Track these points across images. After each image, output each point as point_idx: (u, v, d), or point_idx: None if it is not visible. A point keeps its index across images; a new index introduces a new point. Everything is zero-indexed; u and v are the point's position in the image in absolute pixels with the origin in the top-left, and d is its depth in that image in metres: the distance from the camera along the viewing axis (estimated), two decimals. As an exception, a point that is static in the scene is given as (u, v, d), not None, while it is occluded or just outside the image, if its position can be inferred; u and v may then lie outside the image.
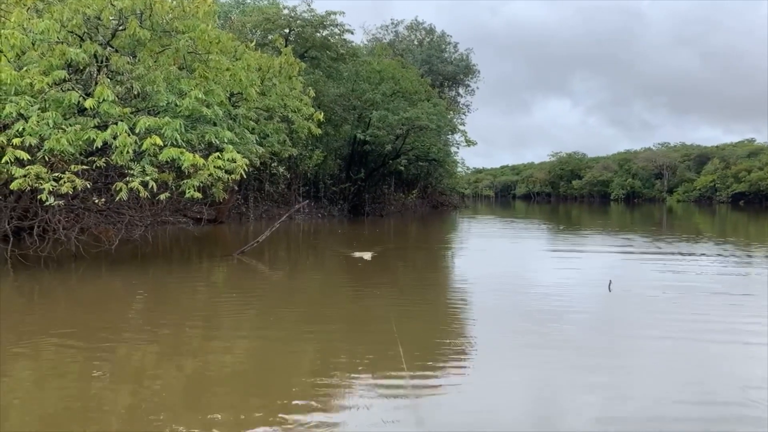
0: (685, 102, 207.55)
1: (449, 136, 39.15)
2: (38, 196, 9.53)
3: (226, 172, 10.48)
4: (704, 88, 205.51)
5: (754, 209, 60.74)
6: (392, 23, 52.74)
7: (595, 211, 57.45)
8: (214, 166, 10.16)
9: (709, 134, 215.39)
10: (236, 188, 21.72)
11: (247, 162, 11.01)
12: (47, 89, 9.70)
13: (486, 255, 16.45)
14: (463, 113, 49.52)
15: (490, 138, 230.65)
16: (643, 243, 18.86)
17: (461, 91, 52.40)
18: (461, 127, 38.68)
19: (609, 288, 9.11)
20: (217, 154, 10.34)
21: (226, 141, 10.73)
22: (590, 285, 10.07)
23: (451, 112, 40.14)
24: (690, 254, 15.25)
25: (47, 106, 9.73)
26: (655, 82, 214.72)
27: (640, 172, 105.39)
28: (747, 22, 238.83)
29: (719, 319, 7.47)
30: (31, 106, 9.52)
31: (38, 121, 9.36)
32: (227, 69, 11.54)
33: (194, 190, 10.18)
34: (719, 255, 14.99)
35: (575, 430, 4.16)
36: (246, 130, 12.90)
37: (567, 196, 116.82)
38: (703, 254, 15.26)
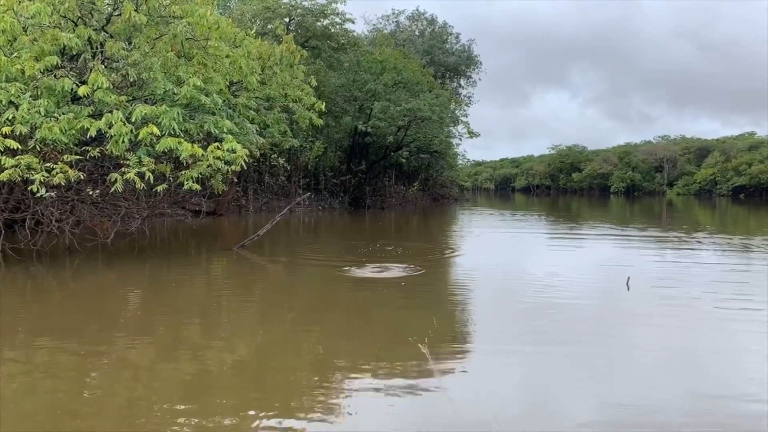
0: (684, 94, 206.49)
1: (450, 128, 38.70)
2: (29, 188, 9.16)
3: (226, 163, 10.13)
4: (704, 81, 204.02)
5: (754, 202, 60.49)
6: (393, 13, 51.91)
7: (596, 204, 57.18)
8: (214, 157, 9.81)
9: (708, 127, 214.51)
10: (236, 180, 21.33)
11: (247, 153, 10.65)
12: (39, 76, 9.31)
13: (507, 251, 16.13)
14: (465, 105, 48.97)
15: (490, 130, 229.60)
16: (648, 235, 18.59)
17: (463, 82, 51.80)
18: (464, 119, 38.19)
19: (627, 286, 8.77)
20: (217, 144, 9.98)
21: (225, 131, 10.37)
22: (600, 277, 9.80)
23: (453, 104, 39.59)
24: (695, 244, 14.97)
25: (39, 93, 9.34)
26: (654, 75, 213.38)
27: (640, 165, 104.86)
28: (747, 15, 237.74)
29: (727, 309, 7.30)
30: (23, 93, 9.14)
31: (29, 109, 8.98)
32: (227, 56, 11.16)
33: (193, 182, 9.86)
34: (723, 246, 14.73)
35: (583, 420, 3.97)
36: (246, 120, 12.53)
37: (567, 189, 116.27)
38: (708, 242, 15.03)
